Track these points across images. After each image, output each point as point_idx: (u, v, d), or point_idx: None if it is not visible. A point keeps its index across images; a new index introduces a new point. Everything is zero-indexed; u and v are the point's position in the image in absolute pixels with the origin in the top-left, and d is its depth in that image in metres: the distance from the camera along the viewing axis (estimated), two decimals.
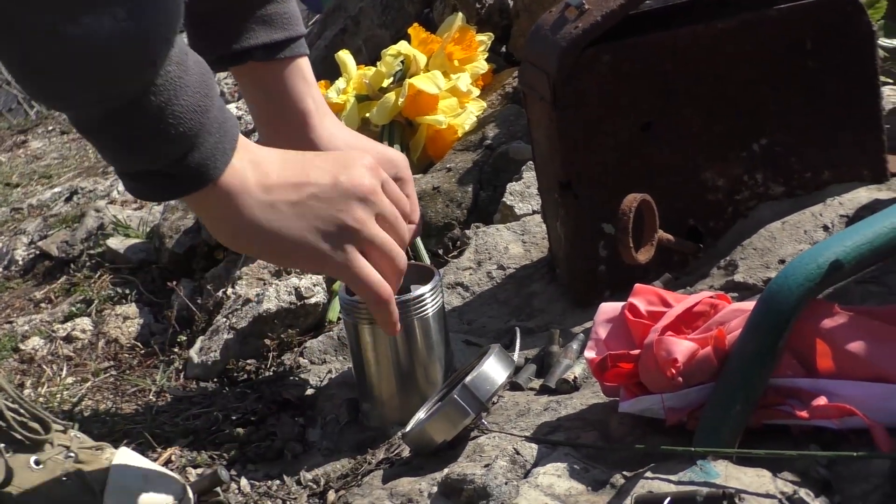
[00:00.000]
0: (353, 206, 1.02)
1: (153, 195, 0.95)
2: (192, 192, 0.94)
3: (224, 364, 1.48)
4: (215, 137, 0.93)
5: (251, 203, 0.97)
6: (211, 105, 0.92)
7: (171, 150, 0.90)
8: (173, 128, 0.89)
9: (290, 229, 0.99)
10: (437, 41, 1.89)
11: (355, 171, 1.03)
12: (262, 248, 1.00)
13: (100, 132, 0.90)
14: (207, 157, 0.92)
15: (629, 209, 1.13)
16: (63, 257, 2.10)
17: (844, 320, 0.94)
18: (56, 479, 1.10)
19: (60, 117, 4.30)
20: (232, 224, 0.98)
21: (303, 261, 1.03)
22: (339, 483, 1.15)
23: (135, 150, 0.91)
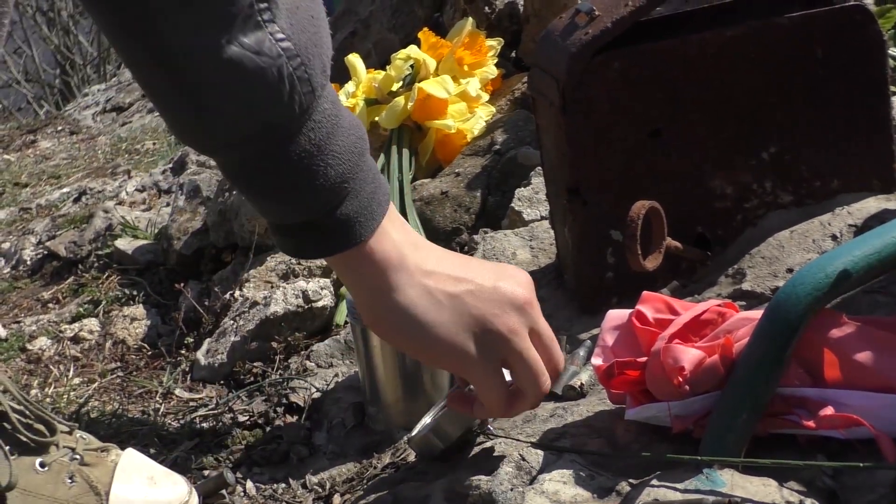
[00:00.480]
0: (510, 313, 0.94)
1: (304, 251, 0.88)
2: (346, 247, 0.86)
3: (231, 366, 1.48)
4: (371, 187, 0.86)
5: (408, 282, 0.90)
6: (366, 150, 0.86)
7: (327, 195, 0.84)
8: (331, 168, 0.83)
9: (442, 322, 0.91)
10: (447, 46, 1.89)
11: (516, 280, 0.96)
12: (409, 335, 0.92)
13: (253, 177, 0.84)
14: (364, 207, 0.86)
15: (637, 216, 1.13)
16: (71, 258, 2.10)
17: (852, 330, 0.94)
18: (61, 481, 1.10)
19: (70, 117, 4.31)
20: (384, 301, 0.89)
21: (446, 358, 0.94)
22: (345, 487, 1.15)
23: (290, 197, 0.84)
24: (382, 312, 0.90)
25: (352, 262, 0.88)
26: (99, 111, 4.30)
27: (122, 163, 2.96)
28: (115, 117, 4.12)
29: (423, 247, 0.92)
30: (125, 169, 2.81)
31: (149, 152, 3.08)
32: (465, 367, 0.94)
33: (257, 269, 1.63)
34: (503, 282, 0.94)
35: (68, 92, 7.37)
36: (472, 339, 0.92)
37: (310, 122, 0.82)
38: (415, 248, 0.91)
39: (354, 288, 0.90)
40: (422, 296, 0.90)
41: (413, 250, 0.90)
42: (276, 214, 0.87)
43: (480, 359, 0.93)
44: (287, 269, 1.62)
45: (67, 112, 4.69)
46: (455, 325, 0.91)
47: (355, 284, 0.90)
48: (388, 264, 0.88)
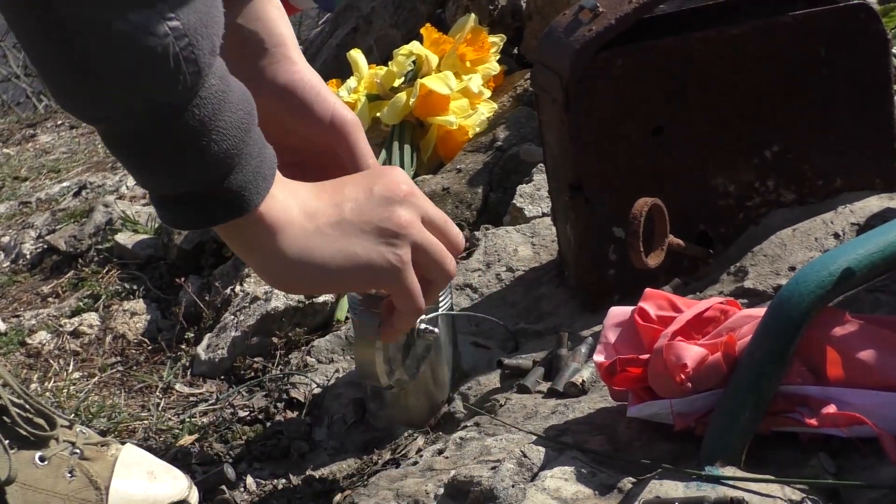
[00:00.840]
0: (396, 209, 0.95)
1: (189, 222, 0.87)
2: (231, 218, 0.86)
3: (231, 361, 1.48)
4: (257, 161, 0.87)
5: (299, 234, 0.91)
6: (253, 125, 0.87)
7: (212, 170, 0.84)
8: (216, 144, 0.83)
9: (338, 251, 0.92)
10: (450, 42, 1.89)
11: (388, 179, 0.97)
12: (317, 279, 0.92)
13: (136, 149, 0.84)
14: (249, 180, 0.86)
15: (640, 213, 1.12)
16: (71, 252, 2.10)
17: (855, 328, 0.94)
18: (61, 475, 1.10)
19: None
20: (282, 262, 0.90)
21: (358, 279, 0.95)
22: (346, 483, 1.15)
23: (174, 170, 0.85)
24: (281, 271, 0.91)
25: (239, 231, 0.88)
26: None
27: None
28: None
29: (302, 192, 0.93)
30: None
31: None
32: (377, 278, 0.94)
33: None
34: (377, 186, 0.96)
35: None
36: (371, 251, 0.93)
37: (196, 98, 0.82)
38: (296, 197, 0.92)
39: (246, 254, 0.91)
40: (313, 238, 0.91)
41: (294, 200, 0.91)
42: (157, 187, 0.87)
43: (386, 264, 0.94)
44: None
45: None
46: (352, 245, 0.93)
47: (246, 251, 0.90)
48: (276, 226, 0.89)
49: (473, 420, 1.14)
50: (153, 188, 0.87)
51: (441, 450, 1.09)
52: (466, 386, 1.21)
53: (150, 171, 0.86)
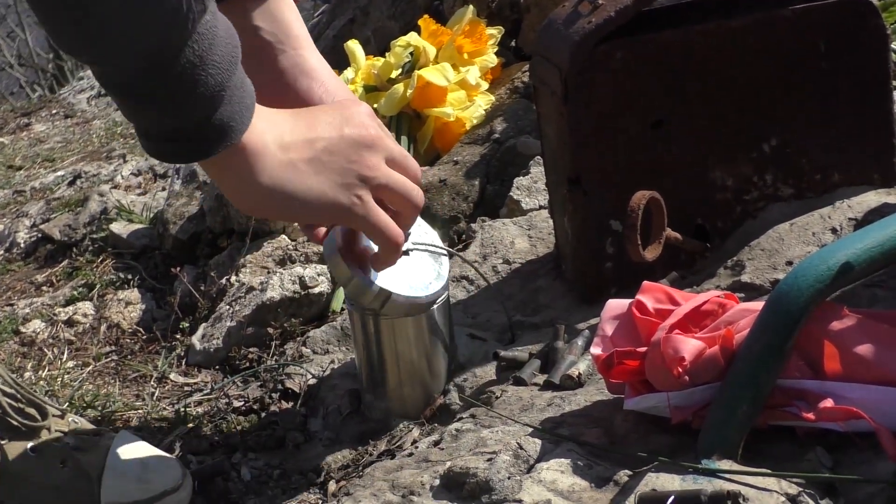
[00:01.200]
0: (364, 154, 1.01)
1: (179, 156, 0.92)
2: (219, 150, 0.91)
3: (226, 352, 1.47)
4: (240, 92, 0.91)
5: (273, 163, 0.95)
6: (239, 57, 0.90)
7: (203, 104, 0.88)
8: (211, 78, 0.87)
9: (310, 187, 0.98)
10: (447, 33, 1.88)
11: (358, 120, 1.02)
12: (285, 208, 0.98)
13: (132, 88, 0.87)
14: (235, 112, 0.90)
15: (638, 206, 1.12)
16: (65, 241, 2.09)
17: (853, 323, 0.94)
18: (52, 466, 1.09)
19: (64, 101, 4.30)
20: (255, 187, 0.95)
21: (324, 215, 1.01)
22: (340, 474, 1.15)
23: (167, 106, 0.88)
24: (255, 197, 0.96)
25: (219, 160, 0.92)
26: (94, 95, 4.29)
27: (118, 147, 2.94)
28: (110, 101, 4.11)
29: (278, 121, 0.98)
30: (120, 153, 2.80)
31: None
32: (342, 215, 1.01)
33: (254, 254, 1.62)
34: (348, 127, 1.01)
35: (62, 76, 7.35)
36: (340, 190, 0.99)
37: (195, 34, 0.85)
38: (273, 126, 0.96)
39: (223, 181, 0.96)
40: (286, 171, 0.96)
41: (271, 129, 0.96)
42: (150, 123, 0.90)
43: (353, 203, 1.00)
44: (284, 255, 1.61)
45: (62, 95, 4.68)
46: (321, 184, 0.98)
47: (224, 178, 0.95)
48: (254, 153, 0.94)
49: (469, 412, 1.14)
50: (146, 126, 0.91)
51: (437, 441, 1.09)
52: (462, 378, 1.21)
53: (144, 109, 0.89)
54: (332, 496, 1.11)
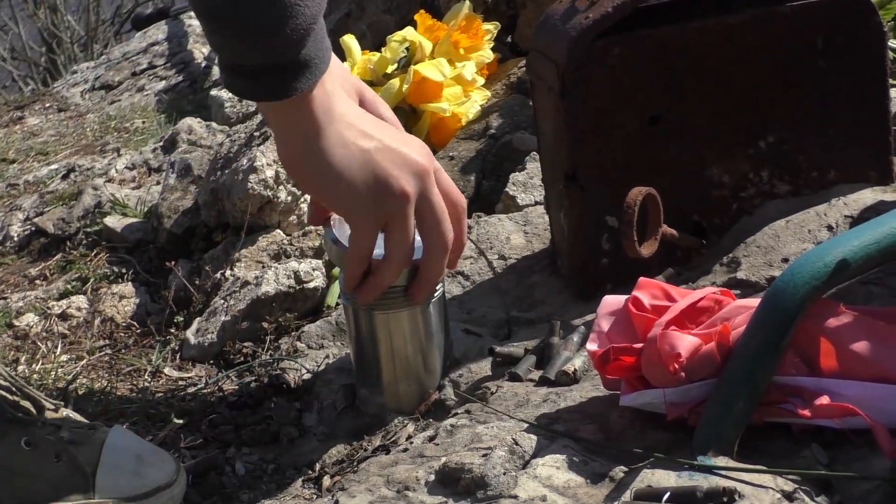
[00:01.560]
0: (407, 176, 1.02)
1: (260, 93, 0.95)
2: (301, 91, 0.93)
3: (221, 346, 1.47)
4: (321, 35, 0.93)
5: (332, 131, 0.98)
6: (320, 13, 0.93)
7: (298, 37, 0.90)
8: (308, 9, 0.90)
9: (350, 171, 1.00)
10: (444, 28, 1.88)
11: (419, 148, 1.05)
12: (319, 177, 1.01)
13: (232, 15, 0.90)
14: (318, 51, 0.92)
15: (634, 202, 1.12)
16: (59, 234, 2.09)
17: (849, 320, 0.94)
18: (47, 460, 1.09)
19: (58, 94, 4.29)
20: (309, 144, 0.98)
21: (343, 205, 1.03)
22: (335, 469, 1.15)
23: (266, 38, 0.90)
24: (304, 154, 0.99)
25: (289, 107, 0.95)
26: (87, 89, 4.28)
27: (112, 140, 2.94)
28: (104, 95, 4.10)
29: (347, 100, 1.01)
30: (114, 147, 2.79)
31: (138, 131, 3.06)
32: (355, 215, 1.04)
33: (249, 248, 1.62)
34: (408, 147, 1.03)
35: (55, 70, 7.33)
36: (368, 192, 1.01)
37: None
38: (341, 98, 0.99)
39: (283, 129, 0.99)
40: (339, 144, 0.99)
41: (340, 100, 0.99)
42: (241, 55, 0.93)
43: (370, 211, 1.02)
44: (279, 250, 1.61)
45: (55, 89, 4.67)
46: (358, 176, 1.00)
47: (285, 127, 0.99)
48: (320, 110, 0.97)
49: (464, 407, 1.14)
50: (235, 57, 0.93)
51: (432, 436, 1.08)
52: (457, 373, 1.21)
53: (240, 39, 0.92)
54: (326, 491, 1.11)
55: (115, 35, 7.16)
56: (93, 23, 7.16)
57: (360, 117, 1.02)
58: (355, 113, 1.02)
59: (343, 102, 1.00)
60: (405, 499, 0.97)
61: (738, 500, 0.85)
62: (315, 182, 1.03)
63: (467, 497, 0.95)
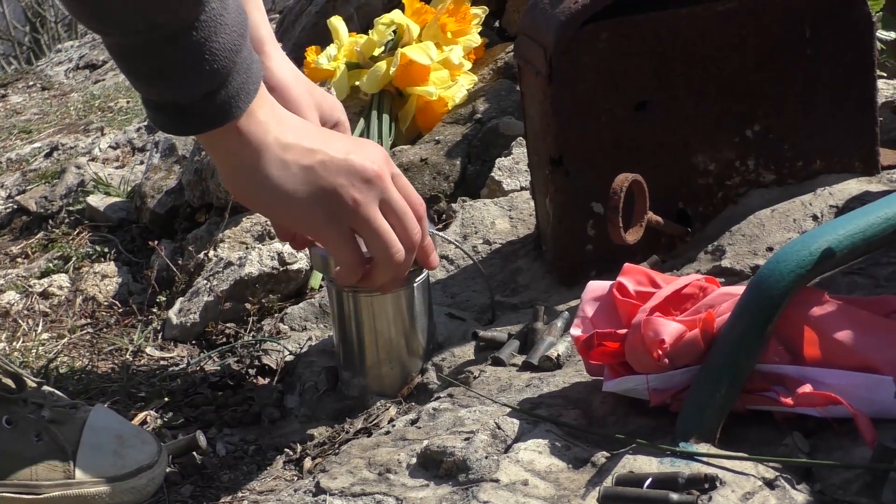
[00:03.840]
0: (357, 185, 1.02)
1: (176, 129, 0.97)
2: (213, 128, 0.95)
3: (203, 326, 1.47)
4: (242, 77, 0.95)
5: (268, 158, 0.99)
6: (244, 45, 0.95)
7: (202, 85, 0.93)
8: (208, 64, 0.92)
9: (295, 192, 1.01)
10: (432, 12, 1.87)
11: (370, 154, 1.04)
12: (267, 203, 1.02)
13: (136, 60, 0.93)
14: (233, 95, 0.95)
15: (620, 188, 1.12)
16: (41, 213, 2.08)
17: (833, 309, 0.94)
18: (27, 439, 1.08)
19: (42, 73, 4.26)
20: (247, 174, 0.99)
21: (301, 225, 1.05)
22: (316, 451, 1.15)
23: (168, 82, 0.93)
24: (245, 185, 1.01)
25: (220, 140, 0.97)
26: (72, 68, 4.25)
27: (95, 120, 2.92)
28: (89, 74, 4.08)
29: (287, 121, 1.02)
30: (98, 126, 2.78)
31: (122, 110, 3.05)
32: (317, 232, 1.05)
33: (232, 229, 1.61)
34: (355, 154, 1.04)
35: (38, 50, 7.28)
36: (321, 208, 1.02)
37: (197, 22, 0.90)
38: (278, 123, 1.00)
39: (221, 163, 1.01)
40: (279, 169, 1.00)
41: (276, 125, 1.00)
42: (152, 94, 0.95)
43: (329, 225, 1.03)
44: (262, 231, 1.60)
45: (39, 67, 4.64)
46: (307, 194, 1.01)
47: (222, 160, 1.00)
48: (252, 141, 0.98)
49: (447, 391, 1.14)
50: (149, 95, 0.96)
51: (414, 420, 1.08)
52: (440, 357, 1.21)
53: (145, 81, 0.95)
54: (307, 473, 1.11)
55: None
56: None
57: (300, 134, 1.02)
58: (295, 130, 1.02)
59: (281, 125, 1.01)
60: (386, 481, 0.97)
61: (719, 486, 0.85)
62: (267, 208, 1.04)
63: (449, 480, 0.95)
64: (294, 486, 1.05)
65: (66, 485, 1.08)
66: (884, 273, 1.10)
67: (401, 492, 0.95)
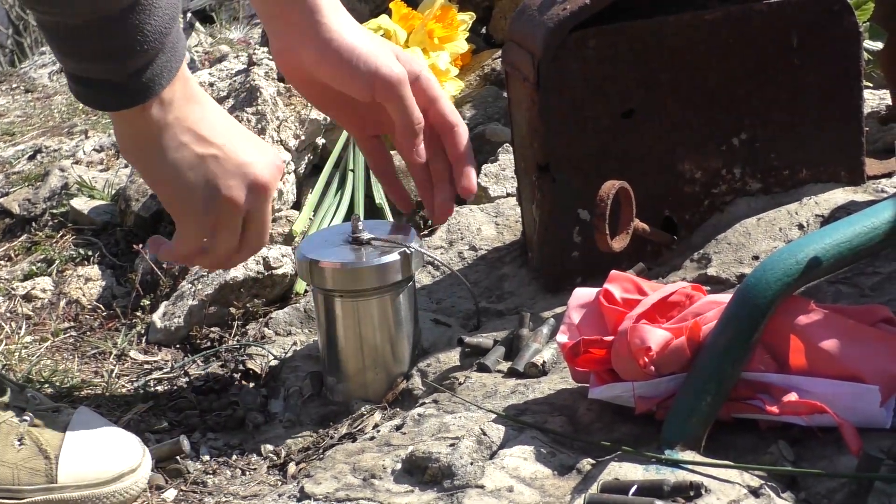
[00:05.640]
0: (241, 189, 1.05)
1: (100, 104, 1.03)
2: (136, 104, 0.99)
3: (187, 330, 1.46)
4: (167, 56, 0.98)
5: (164, 136, 1.02)
6: (172, 28, 0.98)
7: (131, 64, 0.96)
8: (139, 45, 0.96)
9: (182, 174, 1.03)
10: (418, 17, 1.87)
11: (263, 162, 1.06)
12: (153, 179, 1.06)
13: (70, 38, 0.96)
14: (157, 73, 0.98)
15: (607, 195, 1.12)
16: (25, 215, 2.06)
17: (819, 317, 0.94)
18: (9, 443, 1.07)
19: (25, 75, 4.25)
20: (140, 149, 1.04)
21: (173, 207, 1.07)
22: (300, 456, 1.14)
23: (101, 61, 0.97)
24: (136, 159, 1.05)
25: (128, 115, 1.01)
26: (56, 70, 4.23)
27: (80, 123, 2.91)
28: None
29: (197, 101, 1.04)
30: (82, 129, 2.76)
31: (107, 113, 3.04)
32: (181, 216, 1.07)
33: None
34: (252, 158, 1.06)
35: (21, 53, 7.25)
36: (198, 196, 1.04)
37: (137, 5, 0.94)
38: (186, 102, 1.03)
39: (119, 136, 1.05)
40: (172, 148, 1.03)
41: (183, 104, 1.02)
42: (80, 70, 0.99)
43: (196, 214, 1.06)
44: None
45: (22, 70, 4.62)
46: (190, 180, 1.04)
47: (123, 132, 1.04)
48: (152, 118, 1.01)
49: (432, 397, 1.13)
50: (74, 69, 0.99)
51: (399, 425, 1.08)
52: (426, 363, 1.21)
53: (75, 57, 0.98)
54: (291, 478, 1.10)
55: None
56: None
57: (204, 121, 1.04)
58: (201, 116, 1.04)
59: (189, 105, 1.03)
60: (371, 487, 0.97)
61: (705, 494, 0.85)
62: (151, 183, 1.08)
63: (433, 486, 0.95)
64: (278, 490, 1.04)
65: (48, 489, 1.07)
66: (869, 283, 1.11)
67: (385, 497, 0.95)
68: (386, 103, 1.12)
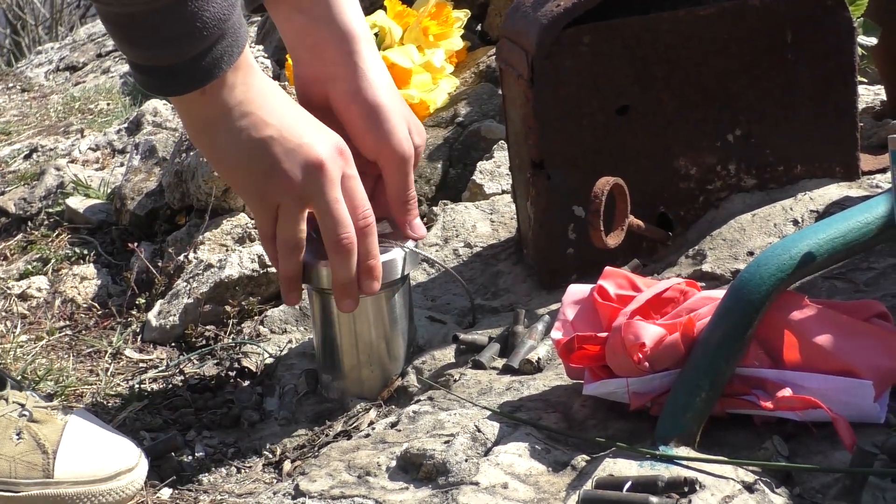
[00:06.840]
0: (297, 174, 1.03)
1: (165, 90, 1.01)
2: (198, 87, 1.00)
3: (183, 329, 1.46)
4: (228, 41, 0.99)
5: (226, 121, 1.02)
6: (232, 13, 0.99)
7: (190, 49, 0.97)
8: (198, 31, 0.96)
9: (240, 159, 1.04)
10: (414, 15, 1.87)
11: (323, 143, 1.04)
12: (219, 167, 1.07)
13: (132, 27, 0.98)
14: (217, 57, 0.99)
15: (602, 192, 1.12)
16: (20, 214, 2.06)
17: (813, 313, 0.94)
18: (8, 437, 1.08)
19: (21, 75, 4.24)
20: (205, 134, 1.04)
21: (239, 191, 1.10)
22: (296, 453, 1.14)
23: (162, 47, 0.98)
24: (203, 144, 1.05)
25: (191, 100, 1.02)
26: (52, 70, 4.23)
27: (76, 122, 2.91)
28: (69, 76, 4.06)
29: (258, 85, 1.04)
30: (78, 128, 2.76)
31: (102, 112, 3.03)
32: (246, 199, 1.10)
33: (213, 231, 1.60)
34: (309, 139, 1.04)
35: (18, 53, 7.25)
36: (257, 180, 1.04)
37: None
38: (247, 86, 1.03)
39: (186, 124, 1.06)
40: (231, 134, 1.03)
41: (245, 89, 1.03)
42: (144, 59, 1.00)
43: (257, 198, 1.06)
44: (243, 233, 1.60)
45: (19, 69, 4.62)
46: (248, 164, 1.04)
47: (188, 121, 1.05)
48: (214, 103, 1.02)
49: (427, 394, 1.13)
50: (136, 59, 1.00)
51: (394, 423, 1.08)
52: (421, 360, 1.20)
53: (137, 47, 0.99)
54: (287, 475, 1.10)
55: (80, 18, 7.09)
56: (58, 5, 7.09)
57: (265, 103, 1.03)
58: (262, 98, 1.04)
59: (250, 90, 1.03)
60: (366, 484, 0.97)
61: (699, 490, 0.85)
62: (219, 171, 1.09)
63: (428, 483, 0.95)
64: (273, 488, 1.04)
65: (44, 484, 1.07)
66: (863, 278, 1.11)
67: (380, 494, 0.95)
68: (385, 173, 1.14)
